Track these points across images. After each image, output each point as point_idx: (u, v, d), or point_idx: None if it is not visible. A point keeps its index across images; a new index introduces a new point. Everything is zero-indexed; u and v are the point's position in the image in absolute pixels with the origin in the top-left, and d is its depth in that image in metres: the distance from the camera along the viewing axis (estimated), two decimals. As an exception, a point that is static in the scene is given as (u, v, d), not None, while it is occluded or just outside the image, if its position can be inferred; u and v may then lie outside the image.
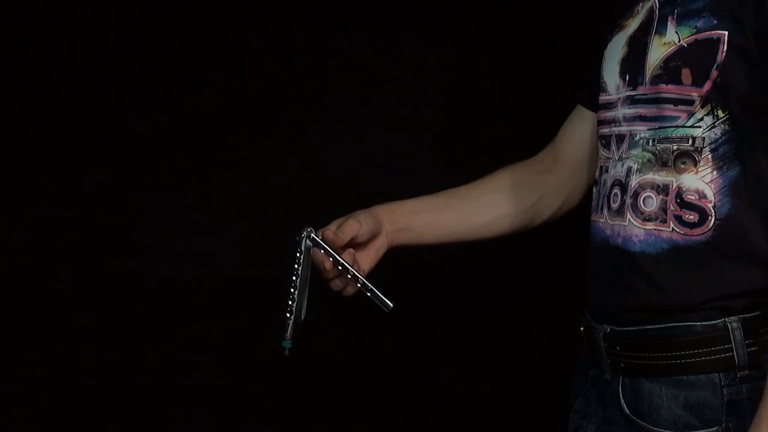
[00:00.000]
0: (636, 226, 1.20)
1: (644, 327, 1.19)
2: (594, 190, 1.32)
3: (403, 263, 1.62)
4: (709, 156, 1.15)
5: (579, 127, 1.45)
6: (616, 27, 1.32)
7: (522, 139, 1.62)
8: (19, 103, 1.69)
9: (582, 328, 1.31)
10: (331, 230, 1.27)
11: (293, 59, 1.73)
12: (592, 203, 1.32)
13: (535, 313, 1.75)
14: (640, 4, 1.28)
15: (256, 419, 1.75)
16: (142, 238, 1.72)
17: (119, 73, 1.70)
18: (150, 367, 1.72)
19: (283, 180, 1.73)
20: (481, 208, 1.42)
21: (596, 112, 1.34)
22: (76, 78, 1.70)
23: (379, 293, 1.28)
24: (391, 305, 1.28)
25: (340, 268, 1.27)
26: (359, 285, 1.28)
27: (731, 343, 1.14)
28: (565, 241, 1.49)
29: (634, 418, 1.20)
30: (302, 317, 1.28)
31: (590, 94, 1.38)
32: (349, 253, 1.29)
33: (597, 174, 1.31)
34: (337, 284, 1.30)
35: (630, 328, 1.21)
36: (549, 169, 1.46)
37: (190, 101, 1.72)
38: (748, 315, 1.14)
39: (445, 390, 1.78)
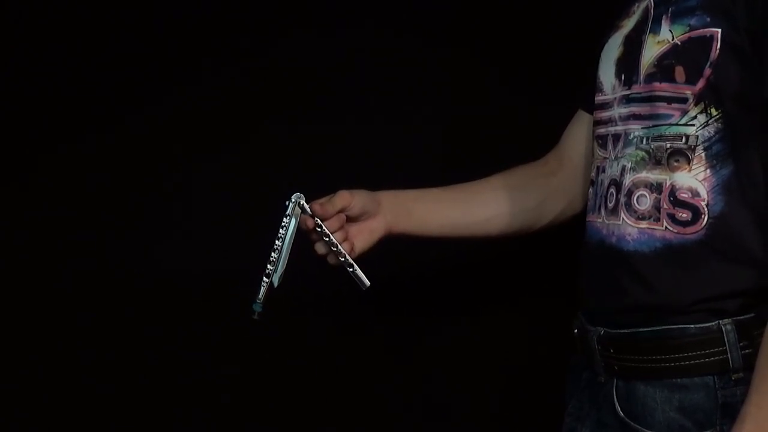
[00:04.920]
0: (630, 224, 1.19)
1: (637, 329, 1.18)
2: (590, 190, 1.31)
3: (401, 264, 1.62)
4: (703, 154, 1.14)
5: (581, 131, 1.43)
6: (613, 28, 1.32)
7: (522, 139, 1.62)
8: (19, 102, 1.70)
9: (575, 330, 1.30)
10: (318, 203, 1.28)
11: (293, 58, 1.73)
12: (588, 203, 1.31)
13: (533, 314, 1.74)
14: (636, 4, 1.28)
15: (256, 419, 1.75)
16: (142, 238, 1.73)
17: (119, 72, 1.71)
18: (150, 367, 1.72)
19: (283, 180, 1.72)
20: (484, 205, 1.42)
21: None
22: (76, 78, 1.70)
23: (359, 271, 1.29)
24: (368, 284, 1.29)
25: (325, 238, 1.28)
26: (341, 259, 1.28)
27: (725, 346, 1.12)
28: (563, 241, 1.47)
29: (628, 420, 1.19)
30: (276, 283, 1.29)
31: (590, 97, 1.36)
32: (339, 219, 1.29)
33: (593, 174, 1.30)
34: (320, 249, 1.30)
35: (623, 331, 1.20)
36: (554, 171, 1.45)
37: (190, 101, 1.72)
38: (742, 317, 1.13)
39: (441, 390, 1.77)
